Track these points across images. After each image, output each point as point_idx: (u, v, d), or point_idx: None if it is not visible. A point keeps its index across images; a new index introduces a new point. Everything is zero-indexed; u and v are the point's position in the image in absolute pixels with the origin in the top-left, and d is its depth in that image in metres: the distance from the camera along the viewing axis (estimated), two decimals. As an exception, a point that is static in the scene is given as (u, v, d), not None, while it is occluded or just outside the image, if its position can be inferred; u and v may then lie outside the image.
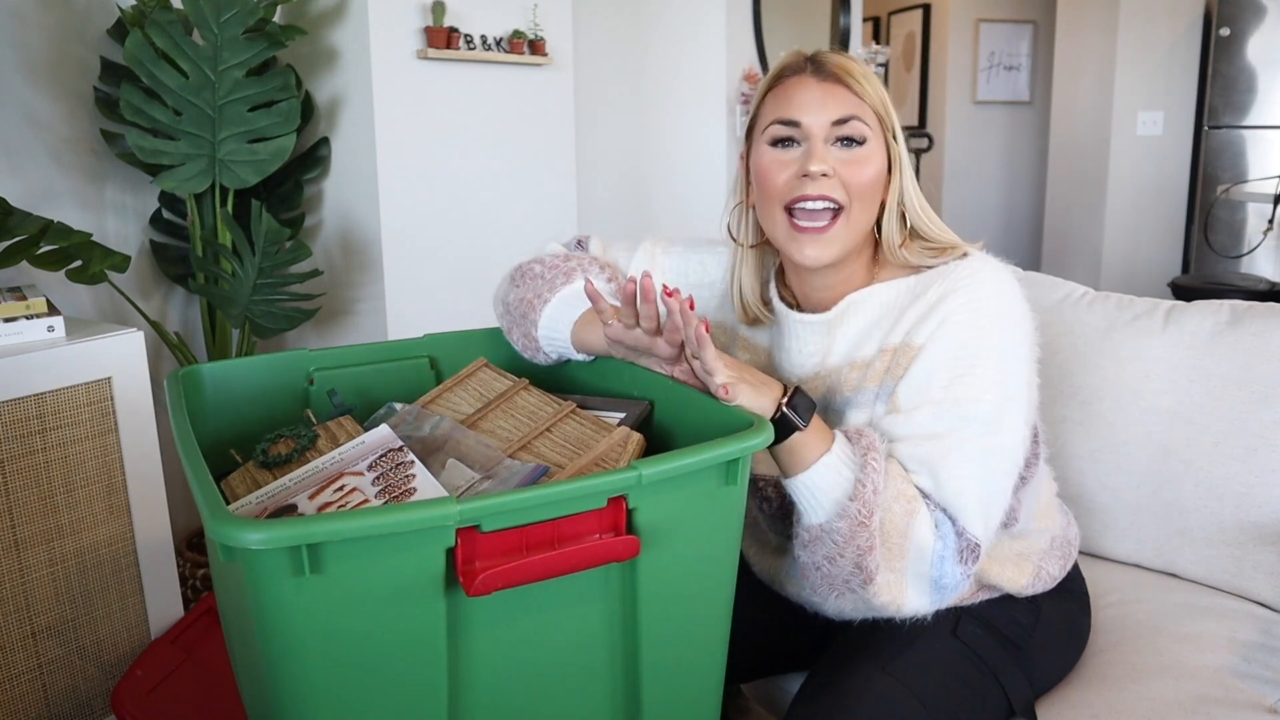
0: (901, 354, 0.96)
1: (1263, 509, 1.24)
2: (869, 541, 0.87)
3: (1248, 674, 1.10)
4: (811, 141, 0.96)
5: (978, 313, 0.94)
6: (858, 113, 0.96)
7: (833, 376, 1.02)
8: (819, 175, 0.94)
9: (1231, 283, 3.48)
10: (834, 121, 0.95)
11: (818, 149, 0.95)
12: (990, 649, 1.02)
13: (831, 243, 0.96)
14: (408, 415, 1.02)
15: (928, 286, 0.97)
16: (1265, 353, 1.26)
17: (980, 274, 0.96)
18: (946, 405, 0.92)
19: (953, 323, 0.93)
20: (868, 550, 0.88)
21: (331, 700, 0.69)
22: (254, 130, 1.95)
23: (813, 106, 0.96)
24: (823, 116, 0.95)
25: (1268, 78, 3.86)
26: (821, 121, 0.95)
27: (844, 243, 0.97)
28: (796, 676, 1.20)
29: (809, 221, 0.96)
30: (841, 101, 0.96)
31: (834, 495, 0.88)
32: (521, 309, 1.09)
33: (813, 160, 0.94)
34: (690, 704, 0.87)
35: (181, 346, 2.06)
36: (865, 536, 0.87)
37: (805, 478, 0.89)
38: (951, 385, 0.92)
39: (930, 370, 0.93)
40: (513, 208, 2.45)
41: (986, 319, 0.94)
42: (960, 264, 0.98)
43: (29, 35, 1.87)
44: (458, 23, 2.24)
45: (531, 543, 0.72)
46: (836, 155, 0.96)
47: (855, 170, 0.95)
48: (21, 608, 1.43)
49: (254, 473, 0.94)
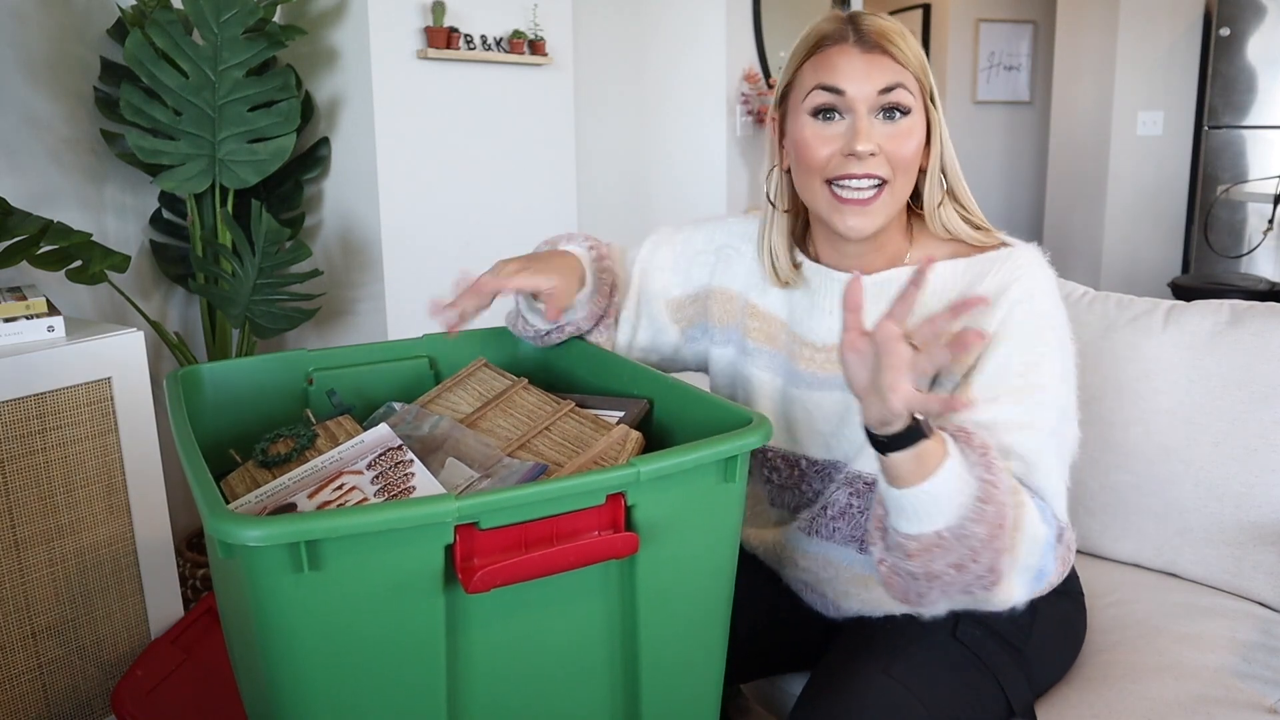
0: None
1: (1263, 509, 1.24)
2: (1006, 542, 0.84)
3: (1248, 674, 1.09)
4: (856, 116, 0.94)
5: (1041, 300, 0.94)
6: (901, 80, 0.94)
7: None
8: (866, 155, 0.93)
9: (1231, 283, 3.48)
10: (880, 90, 0.94)
11: (863, 125, 0.93)
12: (990, 650, 1.02)
13: (875, 214, 0.96)
14: (407, 415, 1.02)
15: (983, 274, 0.97)
16: (1265, 353, 1.26)
17: (1034, 266, 0.97)
18: (1026, 392, 0.91)
19: (1020, 311, 0.93)
20: (1005, 550, 0.85)
21: (330, 697, 0.69)
22: (254, 130, 1.95)
23: (858, 76, 0.94)
24: (868, 86, 0.93)
25: (1268, 78, 3.86)
26: (867, 92, 0.94)
27: (887, 213, 0.96)
28: (795, 677, 1.20)
29: (853, 194, 0.95)
30: (886, 70, 0.94)
31: (959, 500, 0.82)
32: None
33: (859, 139, 0.93)
34: (689, 701, 0.87)
35: (181, 346, 2.06)
36: (1003, 538, 0.84)
37: (929, 485, 0.82)
38: (1027, 373, 0.92)
39: (1006, 358, 0.92)
40: (513, 208, 2.45)
41: (1048, 308, 0.95)
42: (1012, 253, 0.98)
43: (29, 35, 1.87)
44: (458, 23, 2.24)
45: (530, 540, 0.72)
46: (881, 129, 0.94)
47: (900, 144, 0.94)
48: (21, 608, 1.43)
49: (253, 472, 0.94)
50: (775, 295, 1.10)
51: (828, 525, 1.04)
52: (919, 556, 0.84)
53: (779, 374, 1.09)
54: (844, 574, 1.05)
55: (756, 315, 1.10)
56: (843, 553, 1.04)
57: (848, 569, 1.04)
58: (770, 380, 1.09)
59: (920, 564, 0.85)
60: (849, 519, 1.02)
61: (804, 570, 1.08)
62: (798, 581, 1.11)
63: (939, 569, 0.85)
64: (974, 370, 0.93)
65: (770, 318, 1.10)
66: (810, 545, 1.06)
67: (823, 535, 1.04)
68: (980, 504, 0.82)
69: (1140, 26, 4.14)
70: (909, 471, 0.81)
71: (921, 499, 0.82)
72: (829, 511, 1.03)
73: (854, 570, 1.04)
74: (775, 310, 1.09)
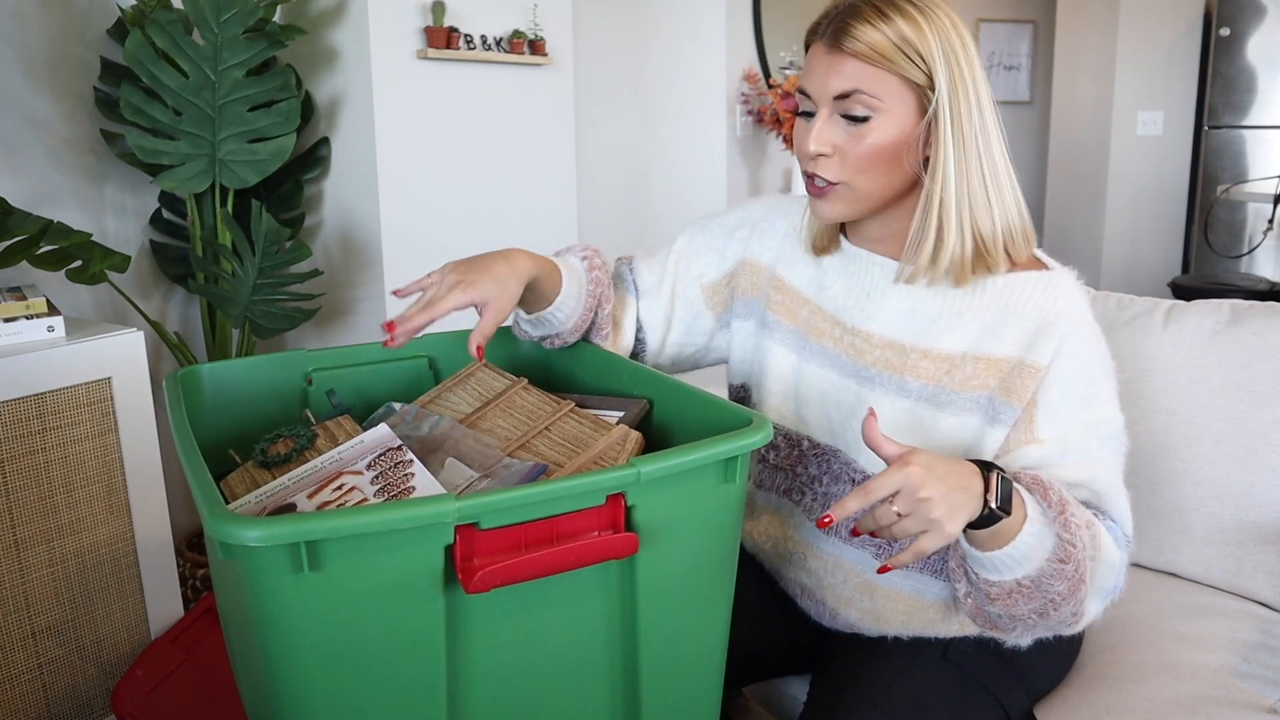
0: (1022, 375, 0.93)
1: (1262, 508, 1.24)
2: (1086, 589, 0.87)
3: (1248, 674, 1.09)
4: (818, 114, 0.94)
5: (1086, 331, 0.95)
6: (864, 86, 0.90)
7: (891, 352, 0.99)
8: (815, 155, 0.94)
9: (1231, 283, 3.48)
10: (835, 96, 0.92)
11: (818, 125, 0.93)
12: (983, 666, 1.02)
13: (837, 202, 0.96)
14: (406, 415, 1.02)
15: (1023, 297, 0.95)
16: (1265, 352, 1.26)
17: (1076, 292, 0.97)
18: (1091, 427, 0.93)
19: (1072, 341, 0.93)
20: (1086, 598, 0.88)
21: (330, 698, 0.69)
22: (254, 130, 1.95)
23: (818, 77, 0.93)
24: (825, 89, 0.92)
25: (1268, 78, 3.86)
26: (825, 95, 0.93)
27: (851, 204, 0.96)
28: (794, 679, 1.20)
29: (817, 185, 0.96)
30: (846, 75, 0.90)
31: (1039, 557, 0.85)
32: None
33: (810, 139, 0.93)
34: (689, 702, 0.87)
35: (181, 346, 2.06)
36: (1084, 590, 0.87)
37: (1009, 551, 0.84)
38: (1088, 405, 0.93)
39: (1065, 392, 0.93)
40: (513, 208, 2.45)
41: (1093, 336, 0.96)
42: (1055, 278, 0.96)
43: (29, 35, 1.87)
44: (458, 23, 2.24)
45: (530, 540, 0.72)
46: (842, 129, 0.93)
47: (857, 146, 0.92)
48: (21, 608, 1.43)
49: (253, 472, 0.94)
50: (802, 270, 1.09)
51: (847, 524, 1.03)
52: (1000, 601, 0.88)
53: (794, 350, 1.08)
54: (852, 579, 1.04)
55: (781, 289, 1.10)
56: (857, 555, 1.03)
57: (858, 574, 1.04)
58: (784, 355, 1.09)
59: (1003, 607, 0.88)
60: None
61: (808, 572, 1.08)
62: (796, 585, 1.10)
63: (1021, 614, 0.88)
64: (1034, 407, 0.93)
65: (794, 292, 1.09)
66: (825, 545, 1.06)
67: (840, 535, 1.04)
68: (1060, 564, 0.85)
69: (1140, 26, 4.13)
70: (987, 539, 0.84)
71: (1002, 559, 0.85)
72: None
73: (863, 576, 1.03)
74: (800, 286, 1.09)
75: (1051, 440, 0.93)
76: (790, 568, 1.10)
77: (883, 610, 1.03)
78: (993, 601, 0.88)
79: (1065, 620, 0.89)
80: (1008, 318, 0.95)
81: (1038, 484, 0.87)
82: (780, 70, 3.54)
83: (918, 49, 0.89)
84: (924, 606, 1.02)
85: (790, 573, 1.11)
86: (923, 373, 0.97)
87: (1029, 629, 0.91)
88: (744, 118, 3.43)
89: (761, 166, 3.59)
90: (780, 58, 3.56)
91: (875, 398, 0.99)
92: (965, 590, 0.92)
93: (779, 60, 3.56)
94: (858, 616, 1.05)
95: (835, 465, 1.04)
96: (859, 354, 1.01)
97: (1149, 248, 4.36)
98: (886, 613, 1.03)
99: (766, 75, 3.53)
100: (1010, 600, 0.87)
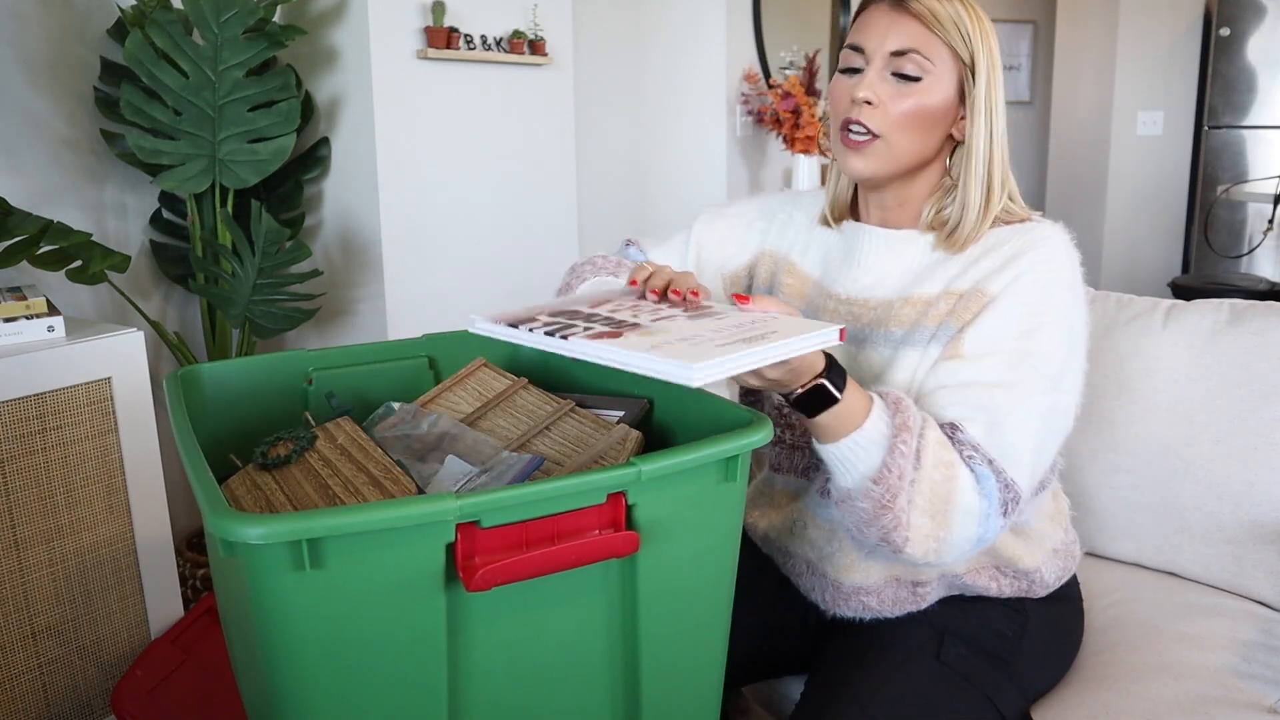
0: (971, 299, 0.97)
1: (1263, 507, 1.24)
2: (893, 521, 0.88)
3: (1248, 674, 1.09)
4: (868, 69, 0.98)
5: (1054, 271, 0.96)
6: (921, 48, 0.96)
7: (881, 309, 1.03)
8: (862, 102, 0.97)
9: (1231, 283, 3.48)
10: (892, 52, 0.97)
11: (869, 76, 0.97)
12: (976, 667, 1.02)
13: (870, 158, 0.99)
14: (406, 414, 1.02)
15: (1003, 241, 0.99)
16: (1265, 351, 1.26)
17: (1056, 239, 0.98)
18: (1017, 355, 0.93)
19: (1029, 277, 0.95)
20: (892, 528, 0.88)
21: (331, 696, 0.69)
22: (254, 130, 1.95)
23: (876, 34, 0.97)
24: (885, 44, 0.97)
25: (1268, 78, 3.86)
26: (881, 49, 0.97)
27: (885, 161, 0.99)
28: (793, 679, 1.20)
29: (853, 138, 0.99)
30: (906, 34, 0.96)
31: (860, 470, 0.89)
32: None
33: (860, 87, 0.97)
34: (690, 700, 0.87)
35: (181, 346, 2.06)
36: (890, 517, 0.88)
37: (835, 449, 0.89)
38: (1022, 337, 0.93)
39: (1003, 319, 0.94)
40: (513, 208, 2.45)
41: (1061, 279, 0.96)
42: (1037, 225, 1.00)
43: (29, 35, 1.87)
44: (458, 23, 2.25)
45: (531, 538, 0.72)
46: (890, 86, 0.97)
47: (899, 102, 0.97)
48: (21, 608, 1.43)
49: (254, 475, 0.94)
50: (814, 255, 1.12)
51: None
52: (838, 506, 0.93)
53: None
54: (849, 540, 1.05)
55: (793, 273, 1.13)
56: None
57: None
58: None
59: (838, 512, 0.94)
60: None
61: (810, 544, 1.08)
62: (802, 562, 1.10)
63: (848, 523, 0.93)
64: (969, 325, 0.95)
65: (804, 276, 1.12)
66: (824, 512, 1.06)
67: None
68: (871, 484, 0.88)
69: (1140, 26, 4.14)
70: (817, 430, 0.89)
71: (829, 456, 0.90)
72: None
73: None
74: (810, 269, 1.12)
75: (970, 359, 0.94)
76: (795, 542, 1.10)
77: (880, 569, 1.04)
78: (835, 505, 0.93)
79: (876, 545, 0.91)
80: (983, 255, 0.99)
81: (894, 403, 0.90)
82: (780, 70, 3.54)
83: (969, 30, 0.97)
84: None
85: (796, 548, 1.11)
86: (904, 319, 1.00)
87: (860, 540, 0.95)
88: (744, 118, 3.42)
89: (761, 167, 3.59)
90: (780, 58, 3.55)
91: (867, 352, 1.02)
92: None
93: (779, 60, 3.56)
94: (860, 578, 1.05)
95: None
96: (855, 319, 1.05)
97: (1149, 248, 4.36)
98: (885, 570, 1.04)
99: (766, 75, 3.53)
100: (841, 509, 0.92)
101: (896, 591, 1.04)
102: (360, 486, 0.85)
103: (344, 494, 0.85)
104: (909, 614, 1.05)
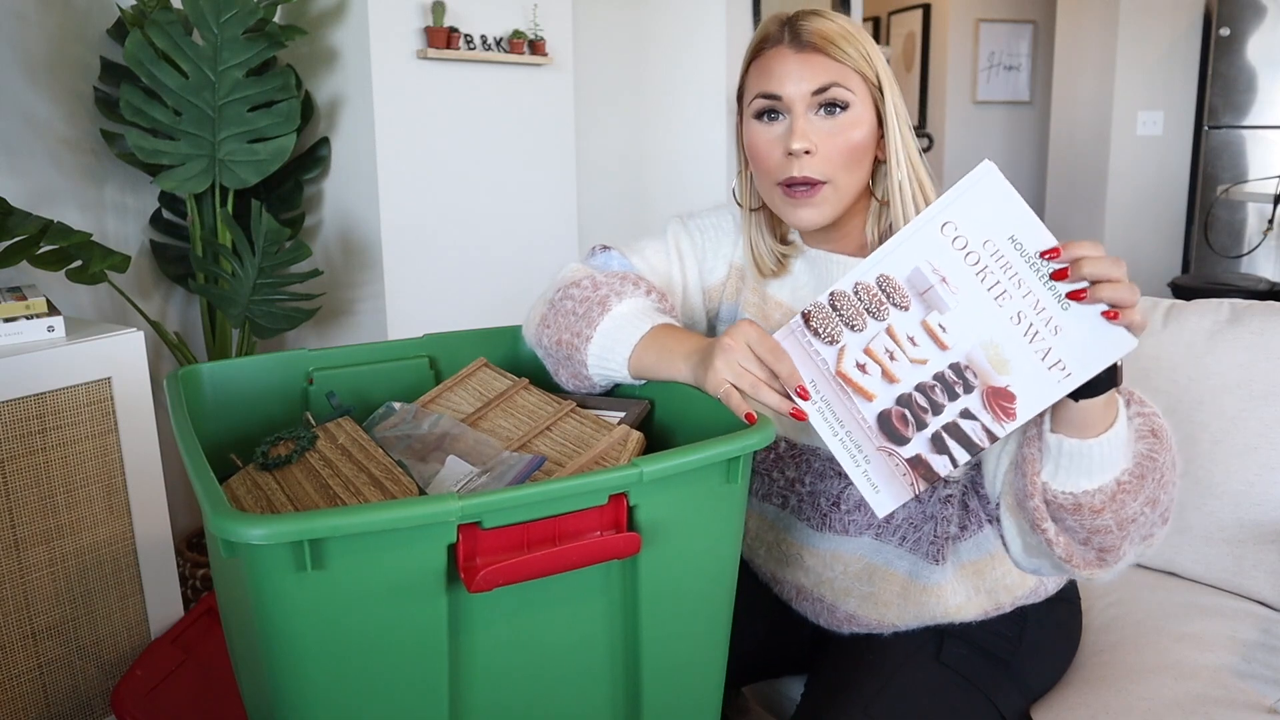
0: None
1: (1262, 507, 1.24)
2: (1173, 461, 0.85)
3: (1248, 674, 1.09)
4: (794, 115, 0.97)
5: None
6: (837, 79, 0.96)
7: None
8: (801, 153, 0.96)
9: (1231, 283, 3.48)
10: (813, 91, 0.96)
11: (799, 123, 0.96)
12: (977, 668, 1.02)
13: (823, 205, 0.98)
14: (407, 414, 1.02)
15: None
16: (1265, 351, 1.26)
17: None
18: None
19: None
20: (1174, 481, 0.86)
21: (332, 697, 0.69)
22: (254, 130, 1.95)
23: (792, 77, 0.97)
24: (802, 86, 0.96)
25: (1268, 78, 3.86)
26: (802, 92, 0.96)
27: (834, 204, 0.99)
28: (793, 679, 1.20)
29: (800, 190, 0.98)
30: (819, 70, 0.96)
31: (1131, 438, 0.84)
32: (565, 351, 1.03)
33: (795, 137, 0.96)
34: (691, 701, 0.87)
35: (181, 346, 2.06)
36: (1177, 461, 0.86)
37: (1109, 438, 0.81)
38: None
39: None
40: (513, 208, 2.45)
41: None
42: None
43: (29, 35, 1.87)
44: (458, 23, 2.24)
45: (533, 539, 0.72)
46: (819, 125, 0.97)
47: (839, 139, 0.96)
48: (21, 608, 1.43)
49: (254, 475, 0.94)
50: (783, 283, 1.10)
51: (841, 520, 1.03)
52: (1107, 509, 0.83)
53: None
54: (852, 567, 1.04)
55: (756, 291, 1.11)
56: (855, 544, 1.04)
57: (856, 560, 1.04)
58: None
59: (1111, 515, 0.83)
60: (865, 510, 1.02)
61: (806, 571, 1.08)
62: (792, 588, 1.11)
63: (1133, 512, 0.83)
64: None
65: (768, 295, 1.10)
66: (821, 541, 1.06)
67: (835, 530, 1.04)
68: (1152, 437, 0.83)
69: (1140, 26, 4.14)
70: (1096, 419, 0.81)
71: (1104, 447, 0.81)
72: (842, 506, 1.03)
73: (864, 560, 1.04)
74: (780, 295, 1.10)
75: None
76: (787, 570, 1.10)
77: (880, 594, 1.04)
78: (1098, 514, 0.83)
79: (1169, 507, 0.86)
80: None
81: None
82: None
83: (864, 47, 0.97)
84: (919, 589, 1.03)
85: (787, 575, 1.11)
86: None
87: (1140, 531, 0.86)
88: (744, 118, 3.43)
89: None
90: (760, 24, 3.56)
91: None
92: (1055, 531, 0.85)
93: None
94: (856, 604, 1.05)
95: (816, 464, 1.04)
96: None
97: (1149, 248, 4.36)
98: (884, 595, 1.04)
99: (766, 75, 3.53)
100: (1118, 502, 0.82)
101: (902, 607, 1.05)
102: (361, 487, 0.85)
103: (345, 494, 0.85)
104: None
